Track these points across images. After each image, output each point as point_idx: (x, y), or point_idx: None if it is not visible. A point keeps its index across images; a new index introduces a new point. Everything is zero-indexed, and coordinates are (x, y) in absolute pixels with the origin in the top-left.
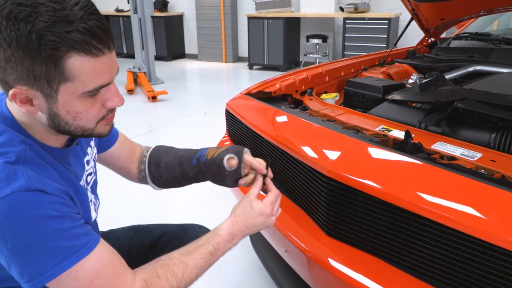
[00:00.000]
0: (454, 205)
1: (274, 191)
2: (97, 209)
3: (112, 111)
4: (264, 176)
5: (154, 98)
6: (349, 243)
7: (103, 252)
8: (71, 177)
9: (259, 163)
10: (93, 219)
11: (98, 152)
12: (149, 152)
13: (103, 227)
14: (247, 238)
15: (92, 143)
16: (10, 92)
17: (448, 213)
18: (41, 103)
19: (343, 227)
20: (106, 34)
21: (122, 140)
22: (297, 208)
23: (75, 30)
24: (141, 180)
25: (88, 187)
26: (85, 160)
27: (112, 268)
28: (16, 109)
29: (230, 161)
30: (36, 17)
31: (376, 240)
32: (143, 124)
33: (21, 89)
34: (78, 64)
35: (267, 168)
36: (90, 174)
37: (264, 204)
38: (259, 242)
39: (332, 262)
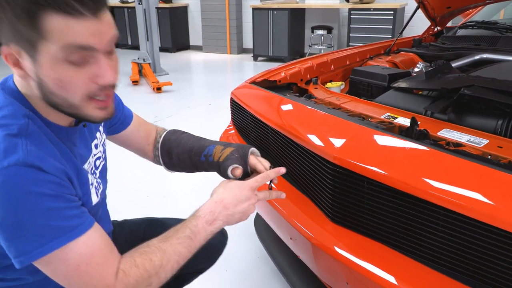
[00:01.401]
0: (461, 190)
1: (264, 173)
2: (100, 193)
3: (103, 90)
4: (270, 182)
5: (158, 89)
6: (354, 230)
7: (95, 237)
8: (72, 157)
9: (264, 167)
10: (93, 203)
11: (112, 133)
12: (161, 139)
13: (111, 216)
14: (252, 227)
15: (101, 128)
16: (2, 50)
17: (455, 198)
18: (29, 67)
19: (349, 214)
20: None
21: (137, 122)
22: (302, 195)
23: None
24: (157, 162)
25: (97, 171)
26: (93, 144)
27: (102, 256)
28: (20, 83)
29: (234, 171)
30: None
31: (382, 227)
32: (148, 115)
33: (11, 48)
34: (56, 23)
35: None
36: (99, 158)
37: (249, 180)
38: (263, 230)
39: (337, 249)
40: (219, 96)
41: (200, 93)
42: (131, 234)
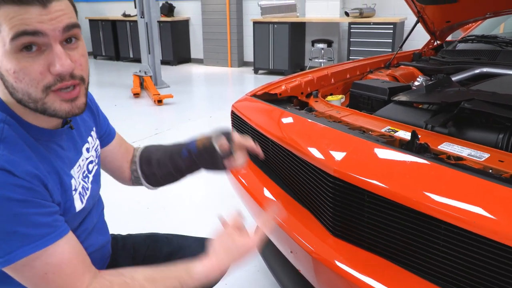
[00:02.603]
0: (462, 205)
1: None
2: (87, 199)
3: (61, 80)
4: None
5: (159, 102)
6: (355, 244)
7: (65, 248)
8: (53, 163)
9: (249, 142)
10: (77, 209)
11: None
12: (139, 152)
13: (112, 228)
14: None
15: (94, 134)
16: None
17: (456, 212)
18: None
19: (349, 228)
20: None
21: (120, 139)
22: (303, 208)
23: None
24: (134, 181)
25: (90, 175)
26: (84, 147)
27: (71, 267)
28: (1, 90)
29: (222, 146)
30: None
31: (383, 241)
32: (148, 127)
33: None
34: (4, 13)
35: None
36: (91, 162)
37: (251, 240)
38: (263, 243)
39: (338, 263)
40: (219, 109)
41: (201, 106)
42: (135, 250)
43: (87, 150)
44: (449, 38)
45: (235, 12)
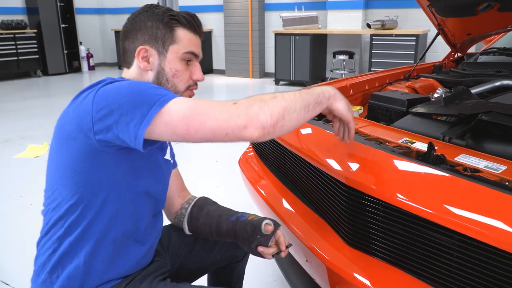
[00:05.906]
0: (477, 216)
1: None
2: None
3: (195, 85)
4: (278, 253)
5: None
6: (370, 254)
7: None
8: None
9: (285, 241)
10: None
11: None
12: (198, 197)
13: None
14: None
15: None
16: (137, 50)
17: (471, 224)
18: (154, 61)
19: (365, 238)
20: (198, 25)
21: (178, 174)
22: (318, 218)
23: (182, 15)
24: (178, 216)
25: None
26: (167, 148)
27: (205, 100)
28: (130, 77)
29: (267, 226)
30: (160, 8)
31: (398, 251)
32: None
33: (145, 47)
34: (183, 33)
35: (287, 247)
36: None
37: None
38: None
39: (353, 273)
40: None
41: None
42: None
43: (169, 152)
44: (471, 50)
45: (257, 24)
